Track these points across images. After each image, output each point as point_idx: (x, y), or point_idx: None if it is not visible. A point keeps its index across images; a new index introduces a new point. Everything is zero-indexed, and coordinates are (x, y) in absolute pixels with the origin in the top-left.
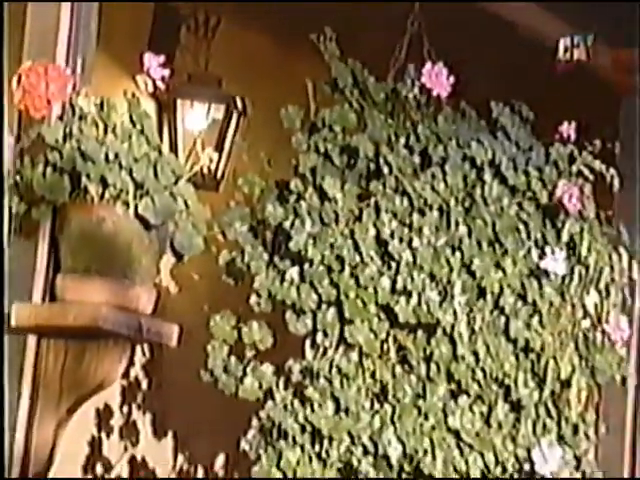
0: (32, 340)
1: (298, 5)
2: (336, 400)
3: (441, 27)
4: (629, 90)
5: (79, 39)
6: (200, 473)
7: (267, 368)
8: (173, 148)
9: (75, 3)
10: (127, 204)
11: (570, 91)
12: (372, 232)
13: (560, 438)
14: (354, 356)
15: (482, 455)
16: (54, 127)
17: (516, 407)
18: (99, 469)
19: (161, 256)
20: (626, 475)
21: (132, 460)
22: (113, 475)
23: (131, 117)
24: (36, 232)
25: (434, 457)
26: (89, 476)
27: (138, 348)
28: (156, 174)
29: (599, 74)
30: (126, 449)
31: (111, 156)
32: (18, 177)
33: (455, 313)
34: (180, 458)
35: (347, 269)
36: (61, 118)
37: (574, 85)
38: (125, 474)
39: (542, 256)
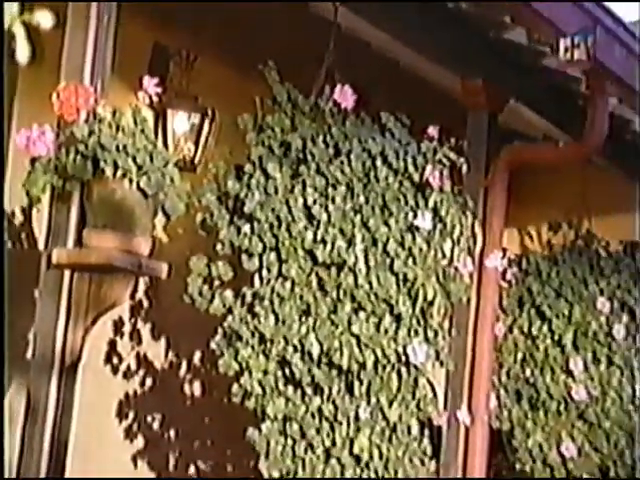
0: (67, 274)
1: (251, 46)
2: (276, 315)
3: (348, 61)
4: (473, 106)
5: (99, 66)
6: (184, 363)
7: (228, 293)
8: (164, 142)
9: (97, 42)
10: (131, 180)
11: (434, 106)
12: (300, 200)
13: (426, 339)
14: (288, 285)
15: (374, 351)
16: (81, 127)
17: (397, 319)
18: (115, 360)
19: (155, 216)
20: (468, 361)
21: (137, 355)
22: (124, 365)
23: (135, 121)
24: (70, 199)
25: (342, 353)
26: (109, 366)
27: (140, 280)
28: (152, 160)
29: (454, 96)
30: (133, 348)
31: (121, 147)
32: (57, 162)
33: (356, 256)
34: (170, 354)
35: (283, 225)
36: (86, 121)
37: (437, 102)
38: (133, 364)
39: (415, 217)
